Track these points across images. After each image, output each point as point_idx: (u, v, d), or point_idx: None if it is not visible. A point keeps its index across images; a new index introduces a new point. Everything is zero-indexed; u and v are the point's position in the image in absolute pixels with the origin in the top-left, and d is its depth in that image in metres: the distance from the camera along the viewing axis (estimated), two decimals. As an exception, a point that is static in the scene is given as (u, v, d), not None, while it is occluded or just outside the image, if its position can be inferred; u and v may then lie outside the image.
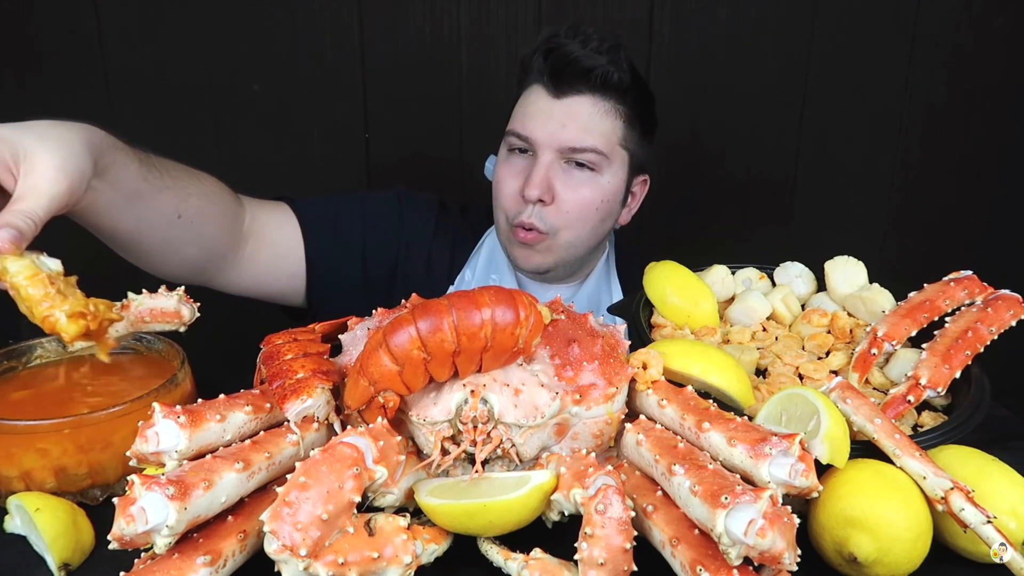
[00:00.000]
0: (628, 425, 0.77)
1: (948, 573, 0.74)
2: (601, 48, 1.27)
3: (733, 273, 1.09)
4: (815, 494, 0.68)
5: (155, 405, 0.71)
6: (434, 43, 1.84)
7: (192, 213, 1.02)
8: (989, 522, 0.67)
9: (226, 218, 1.11)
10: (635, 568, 0.64)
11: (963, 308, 0.94)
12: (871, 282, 1.04)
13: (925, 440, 0.79)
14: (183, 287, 0.88)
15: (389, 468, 0.69)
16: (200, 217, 1.03)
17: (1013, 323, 0.92)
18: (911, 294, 0.97)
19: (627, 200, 1.40)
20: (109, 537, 0.63)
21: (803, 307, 1.07)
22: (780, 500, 0.63)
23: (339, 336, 0.88)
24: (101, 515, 0.76)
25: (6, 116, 0.75)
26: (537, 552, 0.69)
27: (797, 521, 0.63)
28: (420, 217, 1.42)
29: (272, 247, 1.23)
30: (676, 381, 0.82)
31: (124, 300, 0.86)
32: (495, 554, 0.71)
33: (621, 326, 0.87)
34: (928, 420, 0.87)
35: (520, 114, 1.31)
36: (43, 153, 0.71)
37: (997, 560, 0.66)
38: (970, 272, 0.99)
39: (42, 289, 0.67)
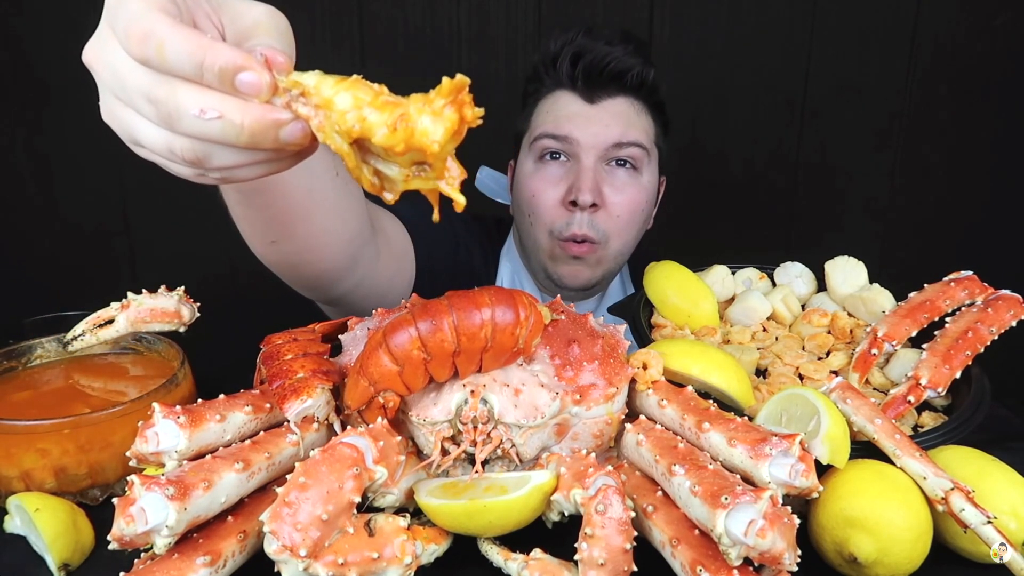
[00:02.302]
0: (628, 425, 0.77)
1: (948, 573, 0.74)
2: (628, 49, 1.25)
3: (733, 273, 1.09)
4: (815, 494, 0.68)
5: (155, 405, 0.71)
6: (434, 43, 1.84)
7: (342, 171, 0.86)
8: (989, 522, 0.67)
9: (360, 191, 0.95)
10: (635, 568, 0.64)
11: (963, 308, 0.94)
12: (871, 282, 1.04)
13: (925, 440, 0.79)
14: (183, 287, 0.88)
15: (389, 468, 0.69)
16: (350, 180, 0.87)
17: (1013, 323, 0.92)
18: (911, 294, 0.97)
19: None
20: (109, 537, 0.62)
21: (803, 307, 1.07)
22: (780, 500, 0.63)
23: (339, 336, 0.88)
24: (101, 515, 0.76)
25: (6, 114, 0.75)
26: (537, 552, 0.69)
27: (797, 521, 0.63)
28: (471, 235, 1.38)
29: (392, 243, 1.14)
30: (676, 381, 0.82)
31: (124, 300, 0.87)
32: (495, 554, 0.71)
33: (621, 326, 0.87)
34: (928, 420, 0.87)
35: (551, 118, 1.26)
36: (243, 2, 0.53)
37: (997, 560, 0.66)
38: (970, 272, 0.99)
39: (368, 90, 0.47)
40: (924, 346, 0.89)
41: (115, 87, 0.49)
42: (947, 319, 0.92)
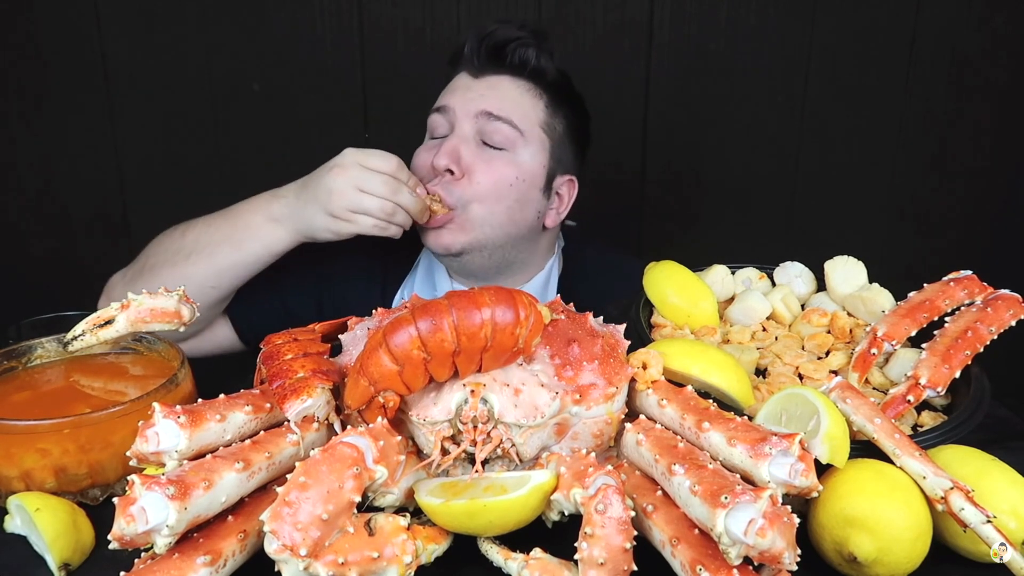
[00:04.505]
0: (628, 425, 0.77)
1: (948, 573, 0.74)
2: (523, 32, 1.31)
3: (733, 273, 1.09)
4: (815, 494, 0.68)
5: (155, 405, 0.71)
6: (434, 43, 1.84)
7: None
8: (989, 522, 0.67)
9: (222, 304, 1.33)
10: (635, 568, 0.64)
11: (963, 308, 0.94)
12: (871, 282, 1.04)
13: (925, 440, 0.79)
14: (183, 287, 0.88)
15: (389, 468, 0.69)
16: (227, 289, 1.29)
17: (1013, 323, 0.92)
18: (911, 294, 0.97)
19: (551, 198, 1.35)
20: (109, 537, 0.63)
21: (803, 307, 1.07)
22: (780, 500, 0.63)
23: (339, 336, 0.88)
24: (101, 515, 0.76)
25: (6, 113, 0.75)
26: (537, 552, 0.69)
27: (797, 521, 0.63)
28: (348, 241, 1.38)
29: (214, 334, 1.39)
30: (676, 381, 0.82)
31: (124, 300, 0.87)
32: (495, 554, 0.71)
33: (621, 326, 0.87)
34: (928, 420, 0.87)
35: (441, 95, 1.34)
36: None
37: (997, 560, 0.66)
38: (970, 272, 0.99)
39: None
40: (924, 346, 0.89)
41: (360, 182, 1.14)
42: (947, 319, 0.92)
